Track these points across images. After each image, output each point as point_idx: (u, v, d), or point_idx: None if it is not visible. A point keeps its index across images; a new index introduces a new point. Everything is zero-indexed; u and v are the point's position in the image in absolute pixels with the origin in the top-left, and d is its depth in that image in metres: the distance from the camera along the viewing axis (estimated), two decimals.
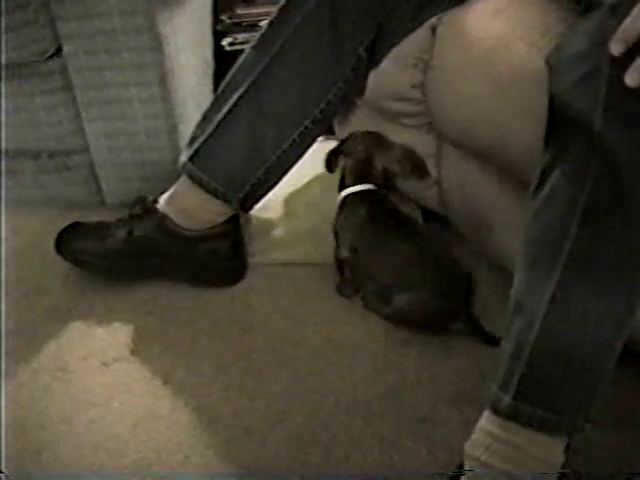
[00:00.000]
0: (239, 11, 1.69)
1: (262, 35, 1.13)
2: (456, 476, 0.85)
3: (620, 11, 0.70)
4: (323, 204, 1.41)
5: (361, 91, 1.20)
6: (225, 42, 1.67)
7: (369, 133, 1.26)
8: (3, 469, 0.98)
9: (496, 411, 0.82)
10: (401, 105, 1.29)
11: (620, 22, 0.69)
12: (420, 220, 1.38)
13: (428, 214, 1.41)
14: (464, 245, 1.32)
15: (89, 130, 1.43)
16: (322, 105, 1.15)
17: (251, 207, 1.26)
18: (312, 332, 1.18)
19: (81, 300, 1.27)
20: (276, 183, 1.24)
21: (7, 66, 1.35)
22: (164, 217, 1.24)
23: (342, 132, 1.50)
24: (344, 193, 1.24)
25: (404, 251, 1.15)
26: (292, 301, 1.25)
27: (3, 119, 1.43)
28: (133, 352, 1.16)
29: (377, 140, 1.24)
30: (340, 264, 1.25)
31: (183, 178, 1.23)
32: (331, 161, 1.27)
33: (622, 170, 0.72)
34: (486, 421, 0.84)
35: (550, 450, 0.82)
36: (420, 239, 1.17)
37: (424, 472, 0.95)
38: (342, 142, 1.27)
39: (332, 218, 1.24)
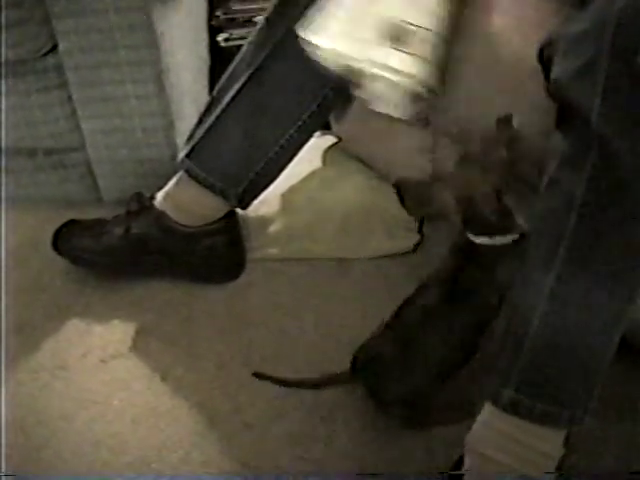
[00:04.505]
0: (234, 7, 1.68)
1: (259, 30, 1.13)
2: (457, 467, 0.86)
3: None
4: (321, 199, 1.40)
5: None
6: (220, 38, 1.66)
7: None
8: (3, 469, 0.98)
9: (496, 404, 0.83)
10: None
11: (620, 9, 0.69)
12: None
13: None
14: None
15: (85, 128, 1.42)
16: (319, 99, 1.15)
17: (249, 204, 1.25)
18: (310, 328, 1.18)
19: (79, 298, 1.27)
20: (273, 179, 1.23)
21: (2, 64, 1.35)
22: (161, 214, 1.23)
23: (339, 127, 1.50)
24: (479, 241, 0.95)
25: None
26: (290, 297, 1.25)
27: None
28: (132, 349, 1.16)
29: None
30: None
31: (180, 174, 1.23)
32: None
33: (620, 161, 0.72)
34: (486, 414, 0.84)
35: (550, 442, 0.82)
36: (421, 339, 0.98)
37: (423, 468, 0.95)
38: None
39: (330, 213, 1.23)
